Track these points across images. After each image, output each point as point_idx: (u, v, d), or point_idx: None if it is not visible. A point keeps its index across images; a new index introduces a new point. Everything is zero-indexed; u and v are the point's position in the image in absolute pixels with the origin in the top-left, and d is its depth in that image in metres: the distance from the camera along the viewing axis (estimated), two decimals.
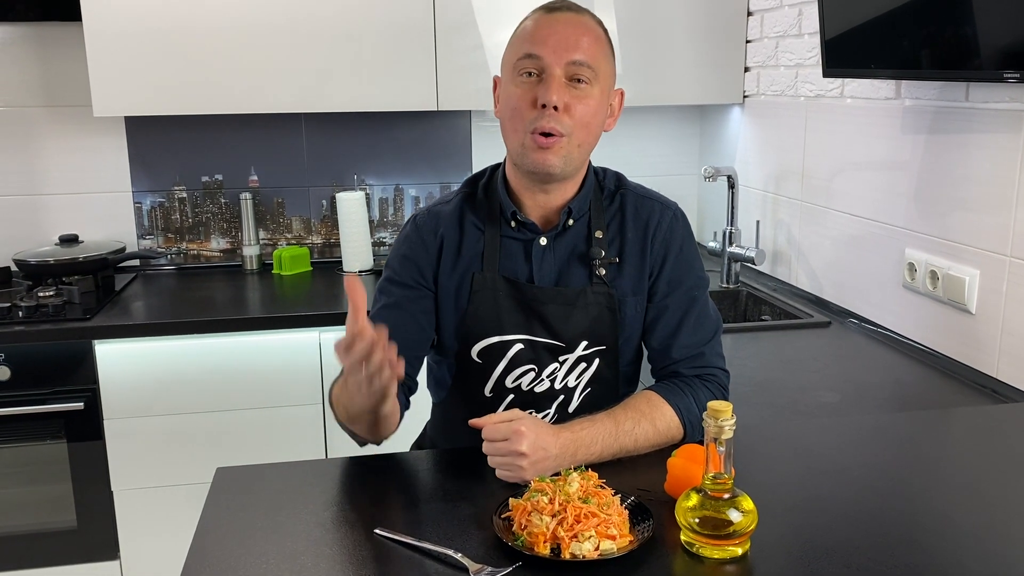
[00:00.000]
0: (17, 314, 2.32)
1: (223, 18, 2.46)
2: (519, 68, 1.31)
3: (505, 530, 1.09)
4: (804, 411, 1.70)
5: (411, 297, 1.41)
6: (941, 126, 1.90)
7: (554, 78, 1.28)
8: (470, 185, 1.46)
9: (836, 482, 1.26)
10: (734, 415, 1.04)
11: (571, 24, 1.31)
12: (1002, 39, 1.59)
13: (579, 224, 1.41)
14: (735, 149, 2.87)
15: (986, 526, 1.14)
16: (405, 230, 1.45)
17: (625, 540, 1.06)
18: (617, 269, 1.40)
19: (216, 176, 2.89)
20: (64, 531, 2.34)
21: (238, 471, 1.32)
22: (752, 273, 2.75)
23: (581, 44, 1.29)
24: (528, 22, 1.34)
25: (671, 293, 1.42)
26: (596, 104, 1.32)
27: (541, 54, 1.29)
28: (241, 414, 2.39)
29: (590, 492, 1.10)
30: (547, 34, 1.29)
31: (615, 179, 1.47)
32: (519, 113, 1.31)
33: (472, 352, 1.42)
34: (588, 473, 1.14)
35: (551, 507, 1.07)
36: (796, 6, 2.43)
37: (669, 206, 1.45)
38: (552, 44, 1.28)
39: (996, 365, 1.78)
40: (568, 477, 1.12)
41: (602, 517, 1.06)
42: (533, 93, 1.29)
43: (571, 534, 1.04)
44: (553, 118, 1.28)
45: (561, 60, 1.28)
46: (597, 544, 1.04)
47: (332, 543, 1.10)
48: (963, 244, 1.84)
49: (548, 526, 1.05)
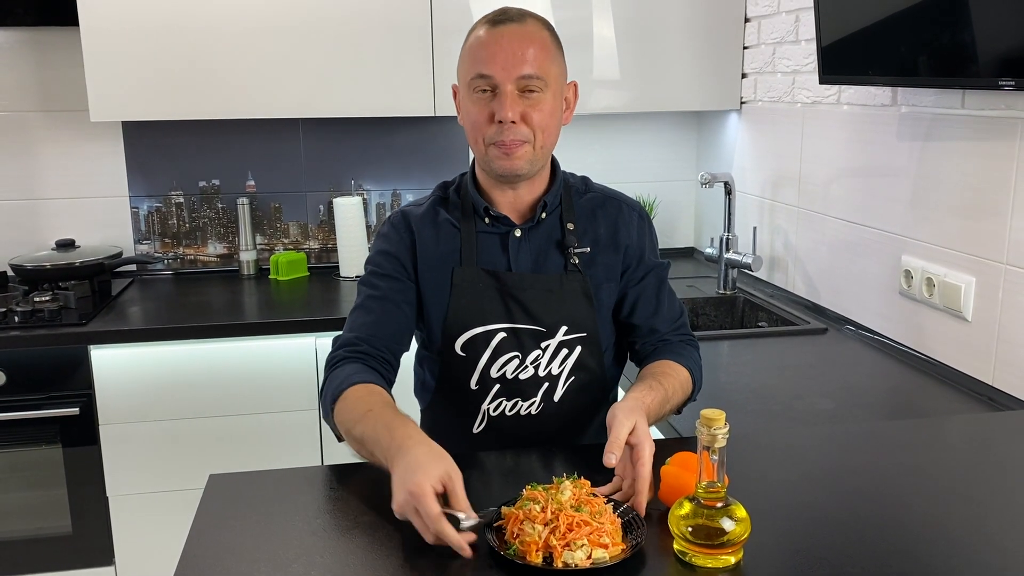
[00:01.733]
0: (13, 319, 2.31)
1: (221, 23, 2.46)
2: (473, 86, 1.37)
3: (497, 539, 1.09)
4: (799, 418, 1.69)
5: (396, 288, 1.46)
6: (937, 133, 1.90)
7: (506, 94, 1.34)
8: (441, 190, 1.53)
9: (830, 490, 1.26)
10: (727, 423, 1.03)
11: (516, 38, 1.35)
12: (998, 46, 1.59)
13: (551, 218, 1.48)
14: (732, 155, 2.87)
15: (981, 535, 1.13)
16: (382, 230, 1.51)
17: (617, 548, 1.06)
18: (590, 258, 1.48)
19: (213, 181, 2.89)
20: (59, 536, 2.34)
21: (230, 478, 1.31)
22: (749, 279, 2.74)
23: (527, 57, 1.34)
24: (475, 37, 1.38)
25: (646, 276, 1.52)
26: (550, 107, 1.38)
27: (491, 73, 1.34)
28: (237, 419, 2.38)
29: (582, 500, 1.10)
30: (495, 51, 1.34)
31: (582, 181, 1.56)
32: (478, 127, 1.38)
33: (456, 346, 1.45)
34: (580, 481, 1.14)
35: (543, 515, 1.07)
36: (793, 12, 2.43)
37: (634, 207, 1.55)
38: (500, 61, 1.34)
39: (992, 372, 1.77)
40: (560, 485, 1.12)
41: (594, 526, 1.06)
42: (489, 109, 1.36)
43: (563, 543, 1.04)
44: (511, 131, 1.35)
45: (511, 76, 1.34)
46: (589, 553, 1.04)
47: (324, 551, 1.10)
48: (959, 251, 1.84)
49: (540, 535, 1.05)
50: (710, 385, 1.88)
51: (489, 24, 1.37)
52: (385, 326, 1.43)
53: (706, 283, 2.77)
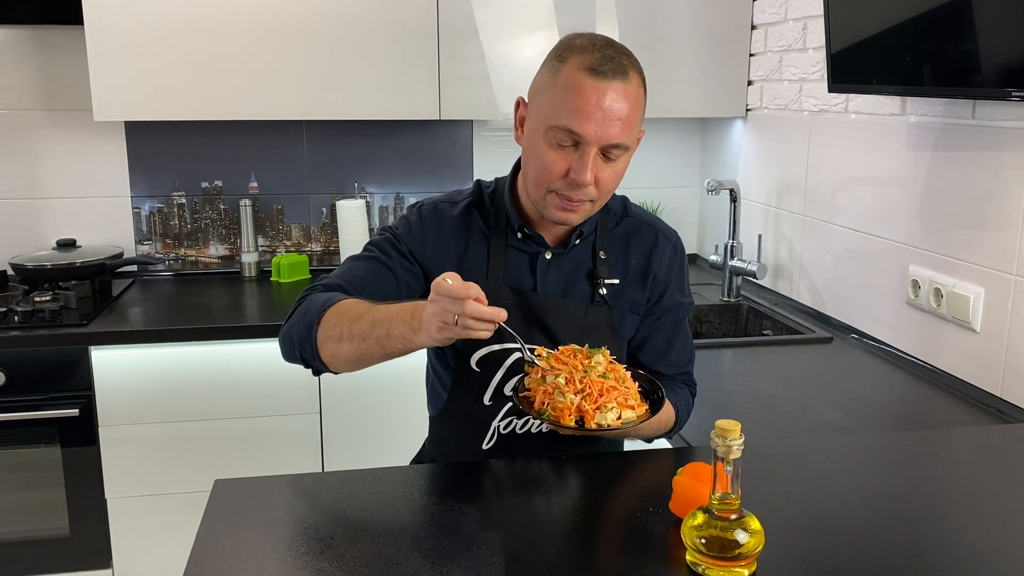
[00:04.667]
0: (13, 319, 2.30)
1: (225, 24, 2.45)
2: (554, 136, 1.26)
3: (528, 406, 1.20)
4: (807, 428, 1.68)
5: (404, 265, 1.40)
6: (947, 143, 1.89)
7: (589, 157, 1.26)
8: (477, 192, 1.46)
9: (840, 502, 1.25)
10: (743, 435, 1.02)
11: (617, 99, 1.24)
12: (1008, 57, 1.59)
13: (584, 243, 1.43)
14: (737, 162, 2.86)
15: (991, 547, 1.12)
16: (411, 217, 1.43)
17: (642, 409, 1.19)
18: (618, 290, 1.43)
19: (216, 182, 2.87)
20: (56, 538, 2.32)
21: (236, 483, 1.30)
22: (753, 287, 2.74)
23: (622, 120, 1.25)
24: (573, 80, 1.25)
25: (663, 316, 1.48)
26: (623, 168, 1.32)
27: (582, 133, 1.24)
28: (237, 422, 2.37)
29: (608, 369, 1.21)
30: (592, 111, 1.23)
31: (621, 203, 1.48)
32: (547, 174, 1.29)
33: (471, 361, 1.42)
34: (604, 352, 1.24)
35: (575, 385, 1.17)
36: (801, 20, 2.43)
37: (671, 237, 1.48)
38: (595, 124, 1.24)
39: (1000, 384, 1.76)
40: (594, 359, 1.21)
41: (622, 390, 1.17)
42: (566, 163, 1.27)
43: (595, 407, 1.15)
44: (582, 192, 1.28)
45: (601, 142, 1.25)
46: (619, 415, 1.15)
47: (332, 559, 1.08)
48: (968, 262, 1.83)
49: (572, 402, 1.15)
50: (715, 393, 1.87)
51: (591, 73, 1.24)
52: (375, 286, 1.36)
53: (710, 290, 2.76)
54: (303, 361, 1.34)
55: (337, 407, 2.41)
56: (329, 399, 2.40)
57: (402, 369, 2.20)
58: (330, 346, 1.27)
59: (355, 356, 1.25)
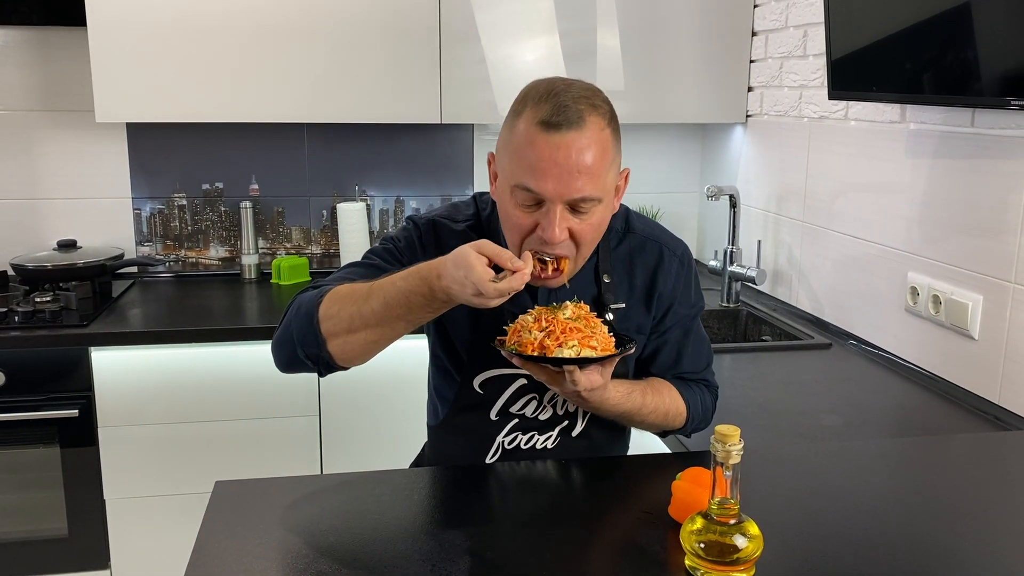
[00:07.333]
0: (13, 319, 2.30)
1: (228, 27, 2.46)
2: (518, 196, 1.21)
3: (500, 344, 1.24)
4: (806, 434, 1.69)
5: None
6: (946, 151, 1.90)
7: (556, 214, 1.19)
8: (476, 216, 1.40)
9: (839, 507, 1.25)
10: (742, 440, 1.02)
11: (572, 151, 1.16)
12: (1007, 66, 1.59)
13: (586, 266, 1.36)
14: (737, 168, 2.87)
15: (987, 554, 1.13)
16: (412, 230, 1.39)
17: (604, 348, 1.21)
18: (624, 314, 1.39)
19: (216, 184, 2.88)
20: (55, 539, 2.32)
21: (237, 485, 1.30)
22: (752, 293, 2.74)
23: (584, 176, 1.17)
24: (525, 137, 1.19)
25: (672, 327, 1.44)
26: (600, 218, 1.25)
27: (540, 192, 1.18)
28: (236, 424, 2.37)
29: (580, 317, 1.23)
30: (546, 168, 1.17)
31: (623, 218, 1.42)
32: (519, 232, 1.24)
33: (474, 383, 1.41)
34: (581, 305, 1.27)
35: (539, 324, 1.21)
36: (801, 27, 2.44)
37: (676, 250, 1.42)
38: (553, 181, 1.17)
39: (998, 392, 1.77)
40: (563, 305, 1.25)
41: (587, 332, 1.20)
42: (533, 219, 1.22)
43: (557, 344, 1.19)
44: (554, 247, 1.22)
45: (563, 197, 1.19)
46: (579, 352, 1.18)
47: (333, 561, 1.09)
48: (967, 269, 1.84)
49: (536, 337, 1.20)
50: None
51: (543, 127, 1.17)
52: None
53: (709, 296, 2.74)
54: (307, 360, 1.27)
55: (336, 409, 2.41)
56: (328, 401, 2.40)
57: (401, 371, 2.21)
58: (340, 336, 1.22)
59: (372, 339, 1.21)
